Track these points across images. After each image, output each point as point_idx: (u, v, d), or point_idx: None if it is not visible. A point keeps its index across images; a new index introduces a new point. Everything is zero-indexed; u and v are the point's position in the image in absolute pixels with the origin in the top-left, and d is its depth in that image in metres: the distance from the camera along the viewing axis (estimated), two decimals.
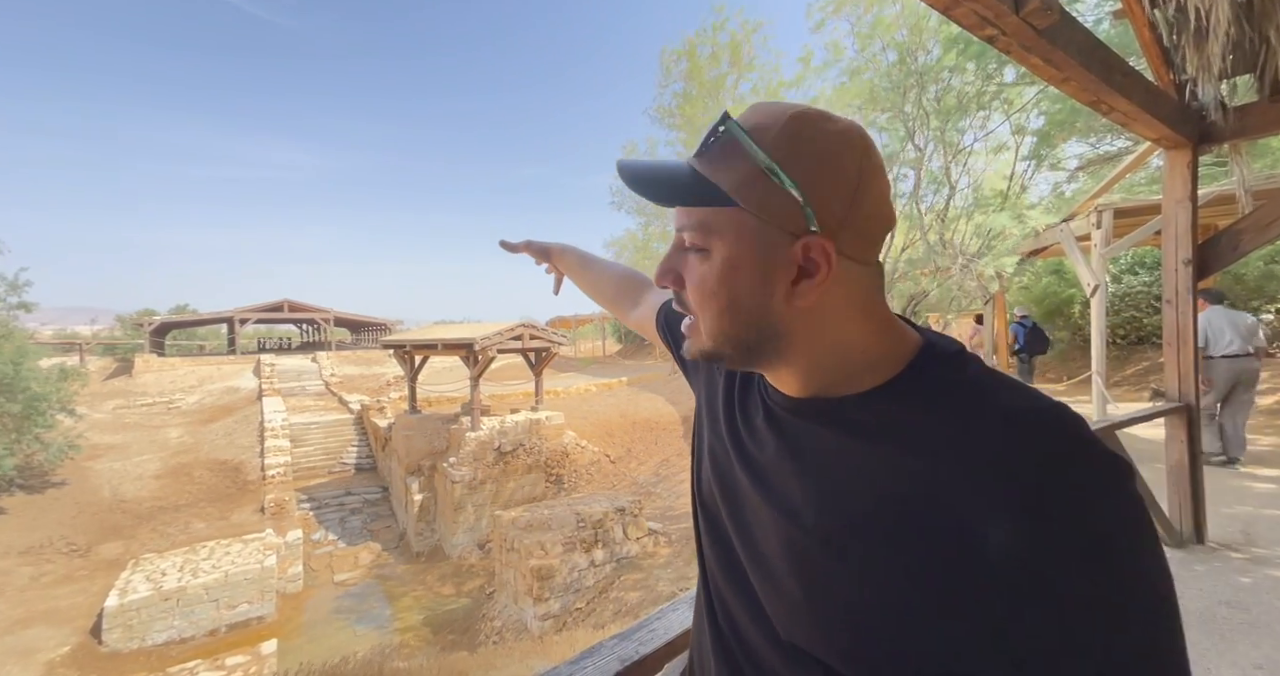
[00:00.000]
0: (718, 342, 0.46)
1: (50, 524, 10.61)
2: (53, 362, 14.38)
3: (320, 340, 30.63)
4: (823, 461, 0.44)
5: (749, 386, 0.56)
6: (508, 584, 7.73)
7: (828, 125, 0.42)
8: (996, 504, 0.34)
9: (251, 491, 12.35)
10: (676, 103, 11.45)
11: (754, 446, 0.51)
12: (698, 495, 0.61)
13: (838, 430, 0.44)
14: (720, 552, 0.54)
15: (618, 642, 0.85)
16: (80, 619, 8.14)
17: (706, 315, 0.46)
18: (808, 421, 0.46)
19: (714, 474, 0.56)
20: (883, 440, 0.41)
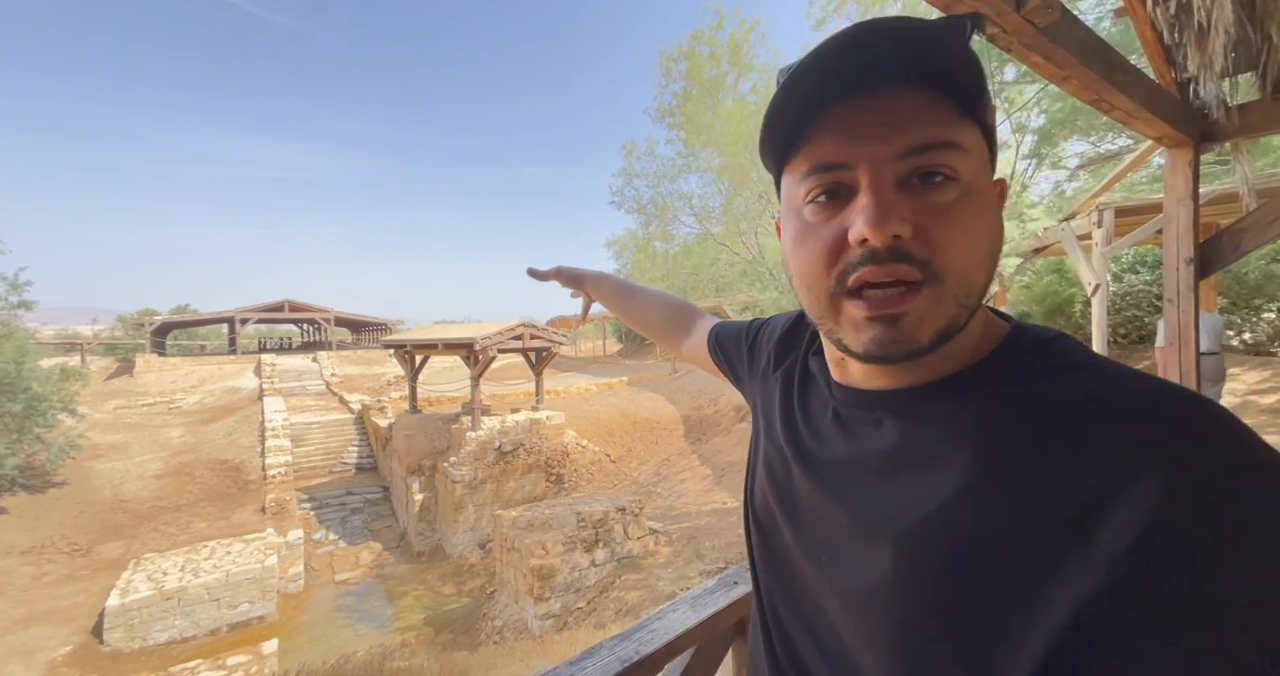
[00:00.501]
0: (962, 308, 0.36)
1: (52, 523, 10.63)
2: (54, 362, 14.39)
3: (321, 340, 30.66)
4: (899, 459, 0.39)
5: (809, 384, 0.51)
6: (508, 583, 7.74)
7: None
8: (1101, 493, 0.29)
9: (252, 491, 12.36)
10: (676, 102, 11.44)
11: (820, 449, 0.46)
12: (751, 510, 0.56)
13: (915, 422, 0.39)
14: (777, 570, 0.50)
15: (618, 643, 0.84)
16: (82, 618, 8.15)
17: (962, 268, 0.35)
18: (883, 415, 0.41)
19: (771, 485, 0.51)
20: (961, 430, 0.36)
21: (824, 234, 0.38)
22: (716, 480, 9.85)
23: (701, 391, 14.36)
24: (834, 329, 0.39)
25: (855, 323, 0.37)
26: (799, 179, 0.39)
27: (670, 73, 11.42)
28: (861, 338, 0.37)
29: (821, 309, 0.39)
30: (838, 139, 0.36)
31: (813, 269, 0.38)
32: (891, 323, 0.36)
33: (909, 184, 0.35)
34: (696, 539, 7.67)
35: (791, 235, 0.41)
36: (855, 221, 0.35)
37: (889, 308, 0.35)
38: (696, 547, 7.37)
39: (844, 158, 0.36)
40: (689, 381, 15.60)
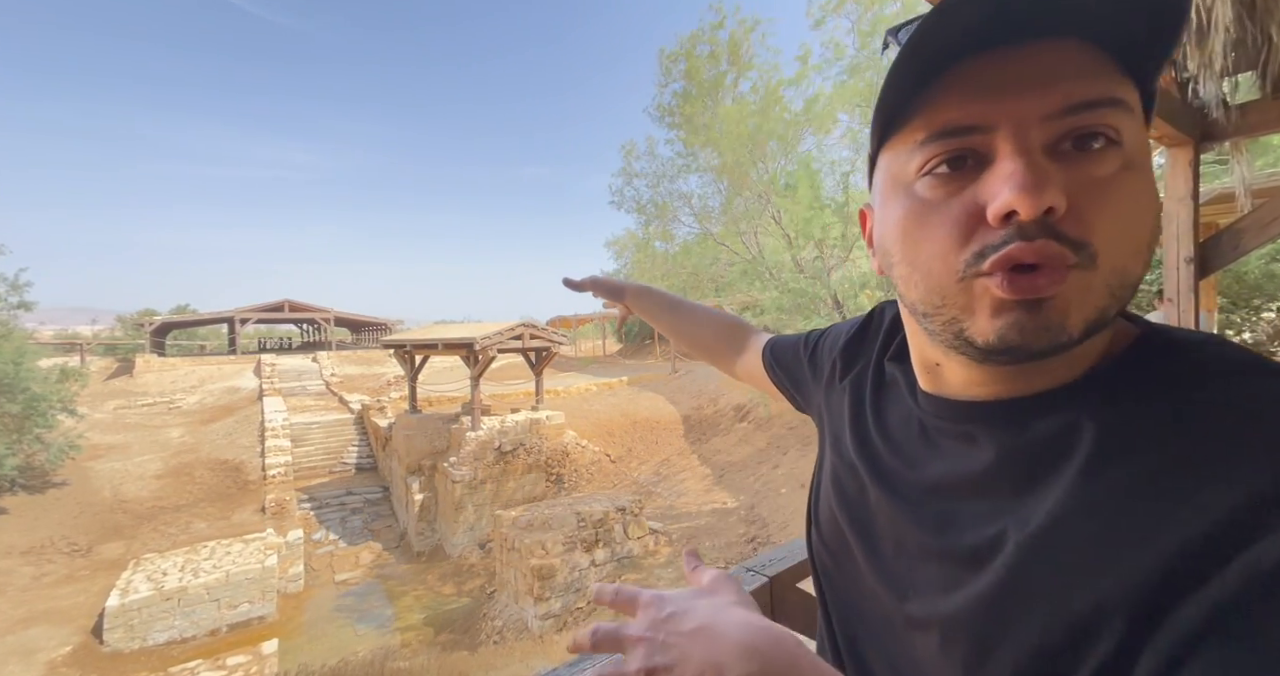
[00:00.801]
0: (1116, 299, 0.31)
1: (52, 524, 10.63)
2: (53, 363, 14.40)
3: (321, 340, 30.66)
4: (1000, 479, 0.34)
5: (886, 393, 0.46)
6: (508, 583, 7.74)
7: None
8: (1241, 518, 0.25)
9: (252, 491, 12.36)
10: (676, 102, 11.43)
11: (901, 467, 0.41)
12: (816, 530, 0.50)
13: (1019, 437, 0.34)
14: (852, 597, 0.44)
15: None
16: (82, 618, 8.15)
17: (1123, 253, 0.30)
18: (977, 429, 0.36)
19: (841, 505, 0.46)
20: (1077, 446, 0.31)
21: (951, 210, 0.31)
22: (716, 480, 9.85)
23: (701, 391, 14.36)
24: (958, 317, 0.33)
25: (992, 306, 0.31)
26: (911, 149, 0.33)
27: (670, 72, 11.41)
28: (997, 324, 0.31)
29: (945, 294, 0.33)
30: (970, 96, 0.31)
31: (938, 249, 0.32)
32: (1035, 306, 0.30)
33: (1060, 149, 0.30)
34: (697, 538, 7.67)
35: (901, 215, 0.34)
36: (998, 191, 0.29)
37: (1036, 290, 0.29)
38: (696, 547, 7.38)
39: (978, 117, 0.30)
40: (689, 381, 15.60)
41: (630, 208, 12.89)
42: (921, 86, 0.32)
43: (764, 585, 1.04)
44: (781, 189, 9.81)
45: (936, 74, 0.31)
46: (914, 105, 0.32)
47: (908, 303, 0.36)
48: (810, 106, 9.95)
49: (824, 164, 9.72)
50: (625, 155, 12.68)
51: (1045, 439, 0.33)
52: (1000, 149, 0.30)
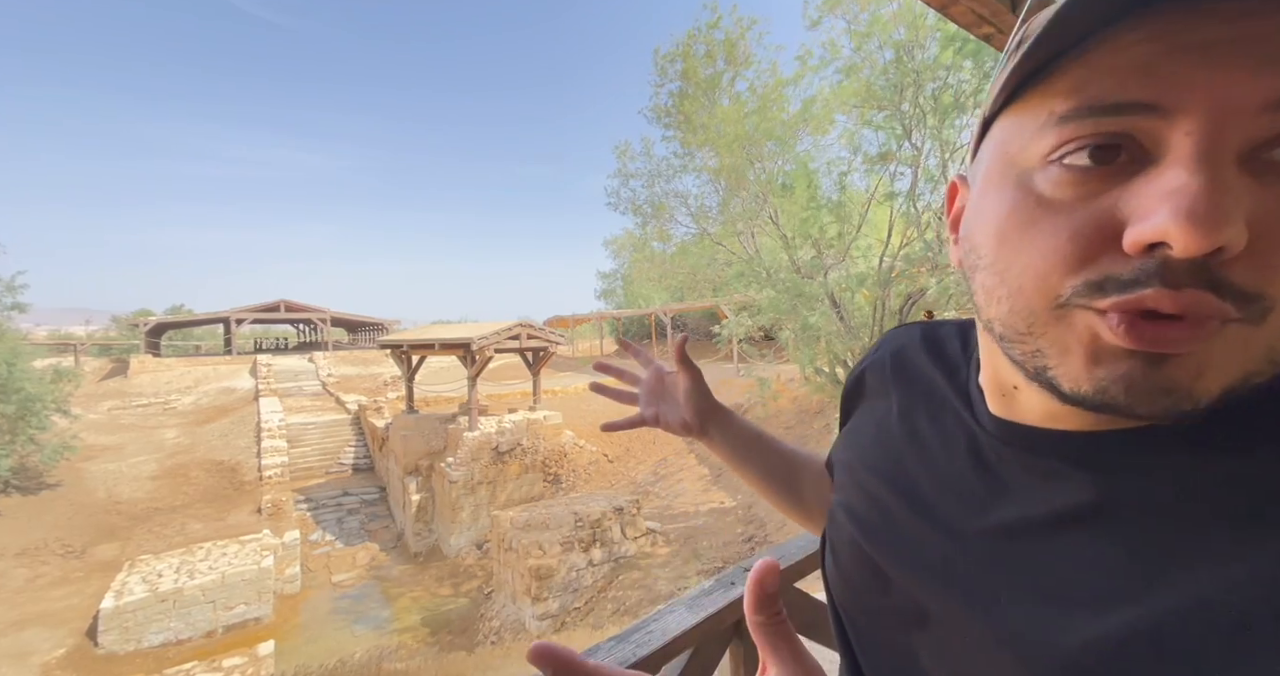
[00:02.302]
0: (1272, 367, 0.23)
1: (46, 525, 10.56)
2: (47, 363, 14.31)
3: (317, 340, 30.54)
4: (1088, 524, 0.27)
5: (937, 411, 0.38)
6: (506, 583, 7.73)
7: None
8: None
9: (248, 492, 12.31)
10: (673, 102, 11.43)
11: (947, 498, 0.34)
12: (836, 578, 0.42)
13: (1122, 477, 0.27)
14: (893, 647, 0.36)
15: (615, 644, 0.84)
16: (76, 620, 8.11)
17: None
18: (1063, 465, 0.29)
19: (876, 543, 0.38)
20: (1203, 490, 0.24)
21: (1073, 219, 0.23)
22: (714, 480, 9.86)
23: None
24: (1043, 351, 0.25)
25: (1093, 349, 0.24)
26: (1044, 122, 0.24)
27: (666, 72, 11.41)
28: (1097, 374, 0.24)
29: (1034, 322, 0.25)
30: (1151, 59, 0.21)
31: (1039, 265, 0.24)
32: (1158, 361, 0.22)
33: (1261, 158, 0.21)
34: (694, 538, 7.68)
35: (1006, 210, 0.26)
36: (1153, 210, 0.21)
37: (1167, 344, 0.22)
38: (694, 547, 7.38)
39: (1156, 92, 0.21)
40: None
41: (626, 209, 12.89)
42: (1089, 35, 0.22)
43: None
44: (779, 189, 9.83)
45: (1117, 19, 0.21)
46: (1061, 62, 0.23)
47: (986, 318, 0.29)
48: (808, 107, 9.96)
49: (821, 164, 9.75)
50: (620, 156, 12.68)
51: (1163, 480, 0.26)
52: (1174, 145, 0.21)
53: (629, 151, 12.59)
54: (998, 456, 0.33)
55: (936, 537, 0.34)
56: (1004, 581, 0.30)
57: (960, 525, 0.33)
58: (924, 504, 0.35)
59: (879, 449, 0.41)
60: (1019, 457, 0.31)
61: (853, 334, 8.06)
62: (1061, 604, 0.27)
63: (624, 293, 31.68)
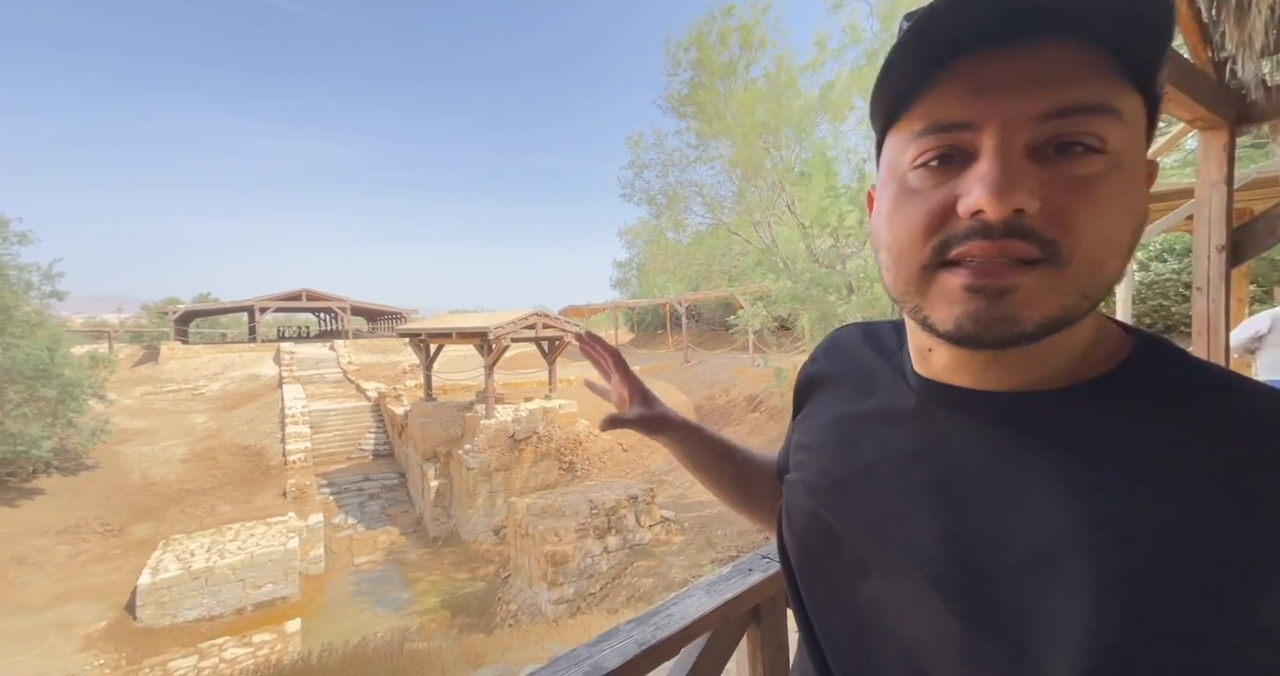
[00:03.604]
0: (1085, 297, 0.31)
1: (85, 504, 11.04)
2: (84, 350, 14.84)
3: (338, 328, 31.11)
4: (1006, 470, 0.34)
5: (877, 388, 0.46)
6: (522, 568, 7.88)
7: None
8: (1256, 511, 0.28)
9: (274, 476, 12.69)
10: (687, 91, 11.27)
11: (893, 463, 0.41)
12: (793, 543, 0.48)
13: (1030, 434, 0.34)
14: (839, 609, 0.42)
15: (635, 627, 0.86)
16: (116, 595, 8.49)
17: (1094, 252, 0.30)
18: (982, 421, 0.37)
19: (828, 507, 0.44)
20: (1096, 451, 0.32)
21: (928, 200, 0.33)
22: None
23: (714, 381, 14.35)
24: (920, 305, 0.34)
25: (950, 294, 0.32)
26: (908, 139, 0.34)
27: (679, 62, 11.24)
28: (954, 311, 0.32)
29: (910, 282, 0.34)
30: (963, 93, 0.31)
31: (908, 236, 0.34)
32: (995, 296, 0.31)
33: (1042, 152, 0.30)
34: (709, 527, 7.72)
35: (889, 201, 0.36)
36: (971, 189, 0.31)
37: (994, 278, 0.31)
38: (708, 535, 7.43)
39: (968, 115, 0.31)
40: (701, 371, 15.59)
41: (640, 199, 12.83)
42: (921, 79, 0.32)
43: (779, 572, 1.04)
44: (796, 177, 9.68)
45: (937, 67, 0.32)
46: (915, 96, 0.33)
47: (886, 287, 0.38)
48: (826, 92, 9.75)
49: (839, 151, 9.56)
50: (633, 147, 12.58)
51: (1062, 437, 0.34)
52: (983, 147, 0.31)
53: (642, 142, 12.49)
54: (928, 414, 0.40)
55: (877, 494, 0.41)
56: (931, 526, 0.36)
57: (897, 481, 0.40)
58: (868, 467, 0.42)
59: (831, 428, 0.48)
60: (946, 414, 0.39)
61: None
62: (979, 541, 0.34)
63: (639, 282, 31.62)
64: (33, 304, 13.05)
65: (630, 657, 0.79)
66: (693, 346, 18.76)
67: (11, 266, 12.60)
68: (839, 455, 0.45)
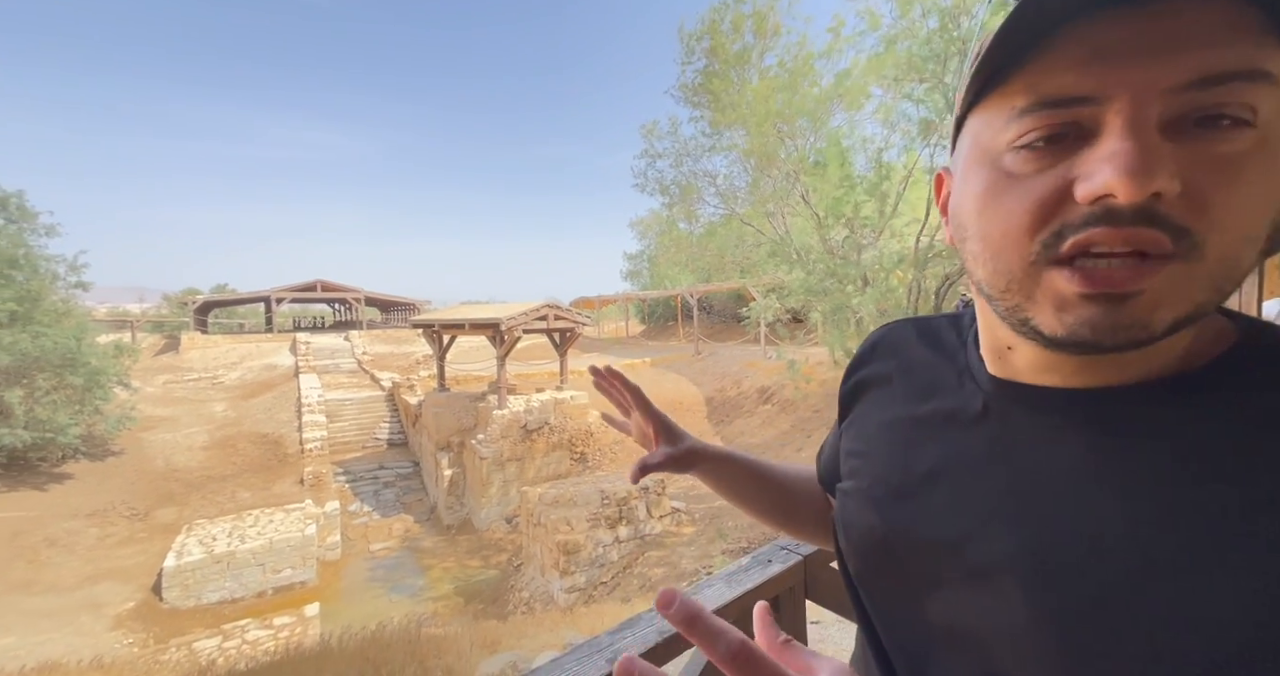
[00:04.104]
0: (1216, 296, 0.28)
1: (112, 489, 11.38)
2: (109, 339, 15.21)
3: (352, 319, 31.54)
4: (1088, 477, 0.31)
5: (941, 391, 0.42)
6: (535, 557, 7.99)
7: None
8: None
9: (291, 464, 12.95)
10: (700, 80, 11.12)
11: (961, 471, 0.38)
12: (851, 555, 0.45)
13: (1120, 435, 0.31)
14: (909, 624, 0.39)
15: (655, 615, 0.86)
16: (143, 577, 8.77)
17: (1233, 242, 0.27)
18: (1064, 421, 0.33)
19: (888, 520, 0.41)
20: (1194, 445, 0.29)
21: (1035, 186, 0.29)
22: None
23: (725, 373, 14.32)
24: (1022, 305, 0.31)
25: (1061, 299, 0.29)
26: (1007, 117, 0.30)
27: (693, 50, 11.07)
28: (1067, 319, 0.29)
29: (1011, 280, 0.30)
30: (1083, 61, 0.27)
31: (1012, 229, 0.29)
32: (1117, 302, 0.27)
33: (1180, 127, 0.26)
34: (719, 519, 7.75)
35: (982, 187, 0.31)
36: (1097, 171, 0.26)
37: (1119, 284, 0.27)
38: (719, 527, 7.46)
39: (1090, 87, 0.27)
40: (712, 363, 15.56)
41: (653, 189, 12.74)
42: (1030, 46, 0.28)
43: (798, 563, 1.05)
44: (810, 167, 9.54)
45: (1050, 31, 0.27)
46: (1014, 67, 0.29)
47: (975, 281, 0.34)
48: (841, 80, 9.56)
49: (855, 140, 9.38)
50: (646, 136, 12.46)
51: (1156, 436, 0.30)
52: (1108, 124, 0.27)
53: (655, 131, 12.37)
54: (1002, 417, 0.36)
55: (945, 502, 0.37)
56: (1016, 535, 0.33)
57: (969, 487, 0.36)
58: (932, 474, 0.39)
59: (886, 433, 0.44)
60: (1024, 415, 0.35)
61: (886, 316, 7.86)
62: (1065, 555, 0.30)
63: (650, 274, 31.55)
64: (59, 294, 13.39)
65: (651, 646, 0.79)
66: (704, 338, 18.71)
67: (39, 257, 12.93)
68: (897, 462, 0.42)
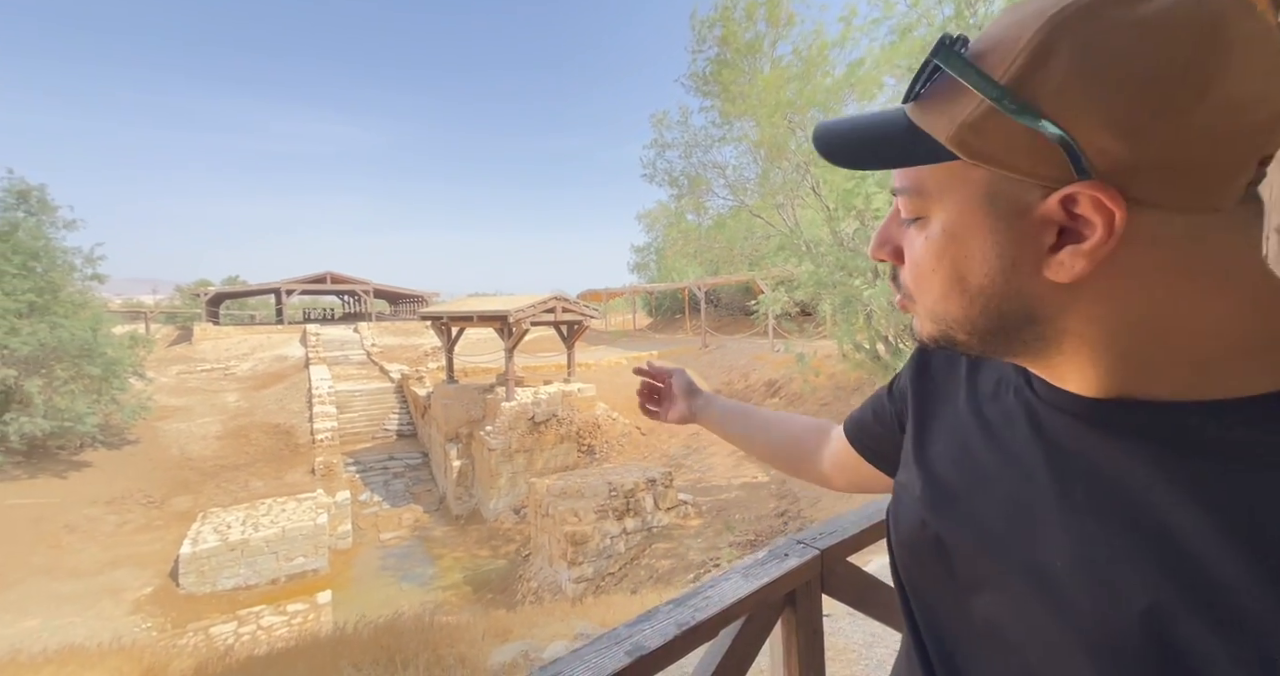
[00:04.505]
0: (945, 327, 0.36)
1: (129, 477, 11.60)
2: (124, 330, 15.44)
3: (361, 311, 31.75)
4: (1153, 500, 0.30)
5: (996, 389, 0.44)
6: (543, 547, 8.06)
7: (1124, 10, 0.26)
8: None
9: (302, 454, 13.13)
10: (711, 69, 10.97)
11: (1013, 477, 0.38)
12: (901, 551, 0.47)
13: (1178, 453, 0.30)
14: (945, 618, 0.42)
15: (674, 608, 0.86)
16: (160, 563, 8.96)
17: (927, 296, 0.36)
18: (1117, 436, 0.33)
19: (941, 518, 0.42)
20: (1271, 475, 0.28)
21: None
22: (746, 455, 9.89)
23: (733, 366, 14.29)
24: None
25: None
26: None
27: (704, 38, 10.92)
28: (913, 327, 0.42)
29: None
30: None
31: None
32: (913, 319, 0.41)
33: (907, 221, 0.38)
34: (726, 511, 7.77)
35: None
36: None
37: (904, 309, 0.41)
38: (726, 519, 7.48)
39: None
40: (720, 356, 15.53)
41: (662, 180, 12.64)
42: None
43: (815, 557, 1.04)
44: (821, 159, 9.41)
45: None
46: None
47: None
48: (854, 70, 9.40)
49: None
50: (656, 125, 12.35)
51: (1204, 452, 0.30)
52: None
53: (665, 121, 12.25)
54: (1054, 426, 0.37)
55: (996, 506, 0.39)
56: (1060, 548, 0.33)
57: (1019, 493, 0.37)
58: (986, 479, 0.40)
59: (947, 434, 0.46)
60: (1072, 424, 0.36)
61: (897, 310, 7.78)
62: (1113, 574, 0.31)
63: (657, 266, 31.44)
64: (76, 286, 13.58)
65: (670, 638, 0.79)
66: (711, 331, 18.67)
67: (58, 250, 13.11)
68: (953, 461, 0.44)
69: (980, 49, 0.30)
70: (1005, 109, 0.28)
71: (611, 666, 0.73)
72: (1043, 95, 0.27)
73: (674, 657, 0.79)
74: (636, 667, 0.74)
